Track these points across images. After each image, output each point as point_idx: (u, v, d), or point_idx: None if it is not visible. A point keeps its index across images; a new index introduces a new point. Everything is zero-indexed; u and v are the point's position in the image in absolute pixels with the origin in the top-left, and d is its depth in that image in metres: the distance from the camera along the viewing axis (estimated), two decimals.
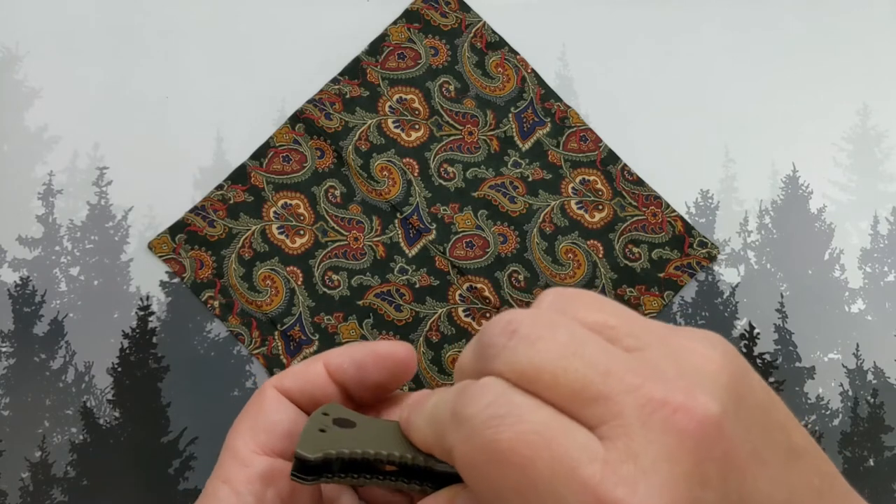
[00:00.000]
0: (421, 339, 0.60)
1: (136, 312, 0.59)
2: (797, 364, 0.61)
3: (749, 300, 0.62)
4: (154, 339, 0.59)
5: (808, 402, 0.60)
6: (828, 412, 0.60)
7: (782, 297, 0.62)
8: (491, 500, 0.19)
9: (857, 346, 0.61)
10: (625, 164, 0.64)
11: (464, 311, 0.61)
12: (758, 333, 0.61)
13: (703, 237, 0.62)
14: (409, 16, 0.66)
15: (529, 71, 0.65)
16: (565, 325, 0.20)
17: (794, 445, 0.20)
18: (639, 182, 0.63)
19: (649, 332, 0.20)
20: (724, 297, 0.62)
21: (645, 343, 0.20)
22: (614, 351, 0.19)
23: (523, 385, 0.19)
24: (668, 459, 0.17)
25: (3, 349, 0.58)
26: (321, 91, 0.64)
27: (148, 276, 0.60)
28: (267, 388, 0.26)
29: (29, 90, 0.63)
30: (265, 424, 0.25)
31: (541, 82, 0.65)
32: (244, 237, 0.61)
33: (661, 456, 0.17)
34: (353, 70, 0.65)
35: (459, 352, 0.55)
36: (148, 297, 0.60)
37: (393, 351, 0.26)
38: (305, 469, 0.21)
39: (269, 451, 0.25)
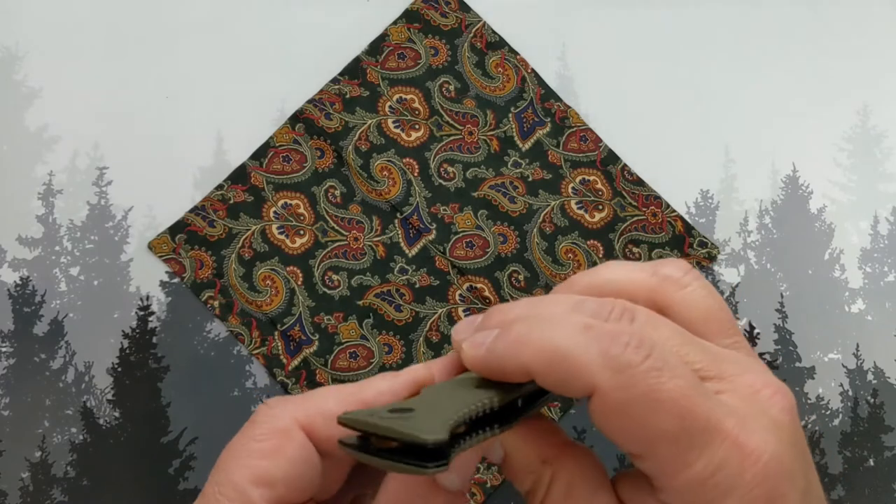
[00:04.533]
0: (421, 339, 0.60)
1: (136, 312, 0.59)
2: (797, 364, 0.61)
3: (749, 300, 0.62)
4: (154, 339, 0.59)
5: (808, 402, 0.60)
6: (828, 412, 0.60)
7: (782, 297, 0.62)
8: (634, 445, 0.21)
9: (857, 346, 0.61)
10: (625, 164, 0.64)
11: (464, 311, 0.61)
12: (758, 333, 0.61)
13: (703, 237, 0.62)
14: (409, 16, 0.66)
15: (529, 71, 0.65)
16: (672, 325, 0.23)
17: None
18: (639, 182, 0.63)
19: (739, 335, 0.24)
20: (724, 297, 0.62)
21: (737, 345, 0.24)
22: (714, 347, 0.23)
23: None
24: (776, 428, 0.21)
25: (3, 349, 0.58)
26: (321, 91, 0.64)
27: (148, 276, 0.60)
28: (293, 430, 0.23)
29: (29, 90, 0.63)
30: (286, 477, 0.22)
31: (541, 82, 0.65)
32: (244, 237, 0.61)
33: (770, 425, 0.21)
34: (353, 70, 0.65)
35: None
36: (148, 297, 0.60)
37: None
38: (429, 455, 0.19)
39: (281, 502, 0.23)
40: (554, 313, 0.23)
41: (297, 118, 0.63)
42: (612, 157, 0.64)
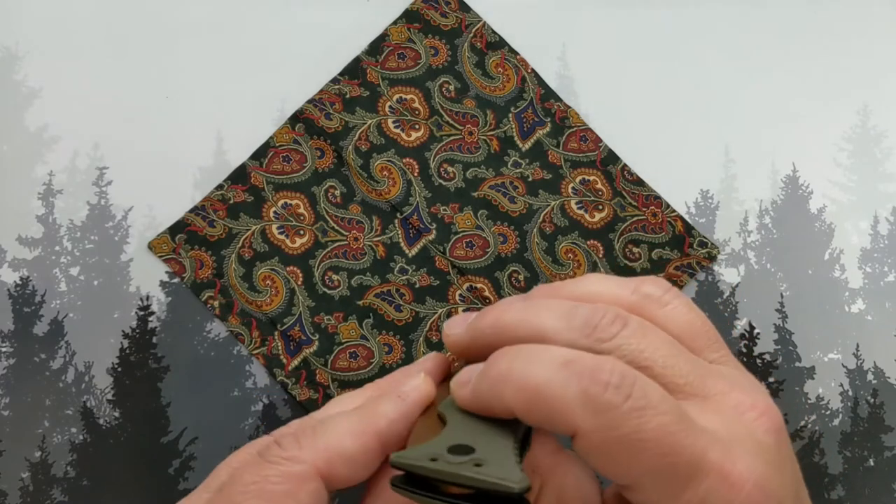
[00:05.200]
0: (421, 339, 0.60)
1: (136, 312, 0.59)
2: (797, 364, 0.61)
3: (749, 300, 0.62)
4: (154, 339, 0.59)
5: (808, 402, 0.60)
6: (828, 412, 0.60)
7: (782, 297, 0.62)
8: (620, 479, 0.21)
9: (857, 346, 0.61)
10: (625, 164, 0.64)
11: (464, 311, 0.61)
12: (758, 333, 0.61)
13: (703, 237, 0.62)
14: (409, 16, 0.66)
15: (529, 71, 0.65)
16: (662, 334, 0.23)
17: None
18: (639, 182, 0.63)
19: (725, 349, 0.24)
20: (724, 297, 0.62)
21: (724, 359, 0.24)
22: (702, 361, 0.23)
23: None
24: (761, 451, 0.21)
25: (3, 349, 0.58)
26: (321, 91, 0.64)
27: (148, 276, 0.60)
28: (309, 477, 0.23)
29: (29, 90, 0.64)
30: None
31: (541, 82, 0.65)
32: (244, 237, 0.61)
33: (755, 446, 0.21)
34: (353, 70, 0.65)
35: None
36: (148, 297, 0.60)
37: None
38: (506, 498, 0.20)
39: None
40: (546, 325, 0.23)
41: (297, 118, 0.63)
42: (612, 157, 0.64)
